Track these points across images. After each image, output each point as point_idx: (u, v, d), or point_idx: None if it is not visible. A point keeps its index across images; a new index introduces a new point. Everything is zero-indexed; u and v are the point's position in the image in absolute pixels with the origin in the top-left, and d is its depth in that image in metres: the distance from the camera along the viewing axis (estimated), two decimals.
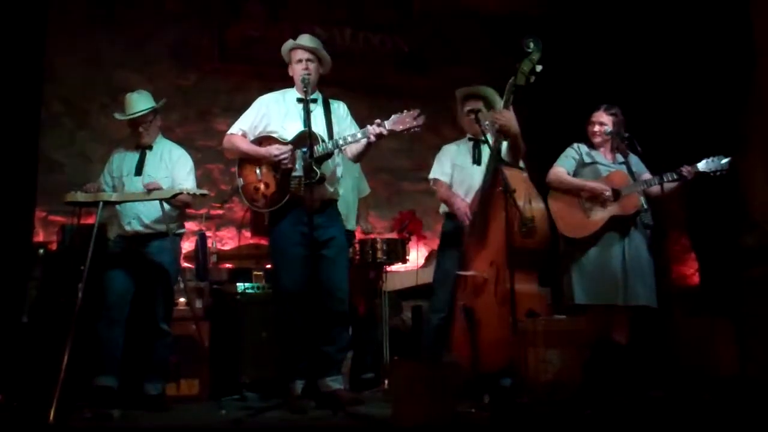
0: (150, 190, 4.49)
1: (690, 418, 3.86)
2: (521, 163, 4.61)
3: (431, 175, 4.96)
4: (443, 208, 4.89)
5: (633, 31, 6.63)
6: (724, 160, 4.62)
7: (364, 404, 4.32)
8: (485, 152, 4.81)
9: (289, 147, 4.31)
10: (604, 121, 4.88)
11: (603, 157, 4.91)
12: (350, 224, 5.43)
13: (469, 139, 4.90)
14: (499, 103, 4.59)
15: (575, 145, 4.96)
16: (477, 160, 4.83)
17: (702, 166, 4.64)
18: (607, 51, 6.78)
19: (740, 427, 3.66)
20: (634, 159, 4.88)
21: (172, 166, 4.76)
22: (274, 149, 4.32)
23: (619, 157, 4.90)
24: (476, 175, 4.77)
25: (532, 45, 4.36)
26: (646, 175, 4.80)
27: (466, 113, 4.83)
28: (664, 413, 3.94)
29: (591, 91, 5.98)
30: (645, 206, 4.70)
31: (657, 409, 4.05)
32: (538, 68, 4.35)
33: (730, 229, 5.79)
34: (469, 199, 4.73)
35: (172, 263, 4.72)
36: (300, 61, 4.45)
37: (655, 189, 4.72)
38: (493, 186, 4.49)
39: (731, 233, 5.75)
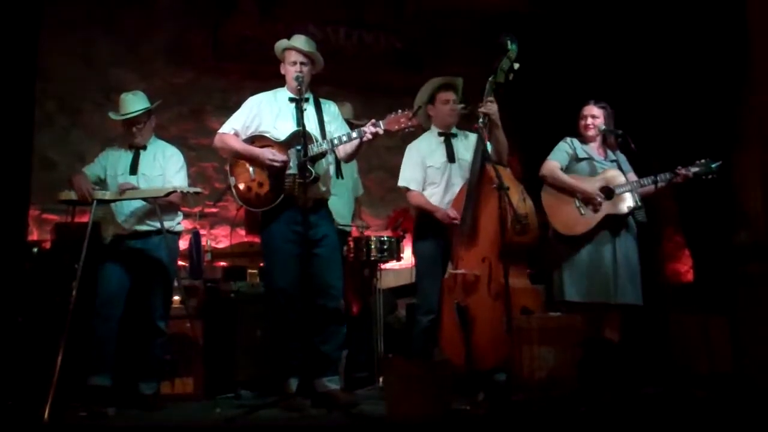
0: (134, 188, 4.48)
1: (684, 415, 3.86)
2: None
3: (402, 183, 4.86)
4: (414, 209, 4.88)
5: (626, 27, 6.62)
6: (714, 164, 4.65)
7: (360, 406, 4.31)
8: (458, 148, 4.79)
9: (284, 158, 4.30)
10: (595, 114, 4.88)
11: (596, 153, 4.91)
12: (348, 223, 5.44)
13: (439, 134, 4.86)
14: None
15: (568, 139, 4.95)
16: (451, 158, 4.79)
17: (693, 168, 4.66)
18: (600, 47, 6.78)
19: (734, 425, 3.67)
20: (621, 157, 4.90)
21: (165, 165, 4.75)
22: (268, 152, 4.31)
23: (610, 154, 4.91)
24: (453, 173, 4.75)
25: (509, 43, 4.38)
26: (632, 175, 4.82)
27: (450, 105, 4.79)
28: (658, 411, 3.94)
29: (584, 87, 5.98)
30: (639, 204, 4.70)
31: (651, 406, 4.05)
32: (516, 66, 4.36)
33: (724, 226, 5.79)
34: (448, 197, 4.71)
35: (170, 261, 4.71)
36: (294, 62, 4.44)
37: (648, 188, 4.72)
38: (480, 182, 4.49)
39: (725, 230, 5.75)
